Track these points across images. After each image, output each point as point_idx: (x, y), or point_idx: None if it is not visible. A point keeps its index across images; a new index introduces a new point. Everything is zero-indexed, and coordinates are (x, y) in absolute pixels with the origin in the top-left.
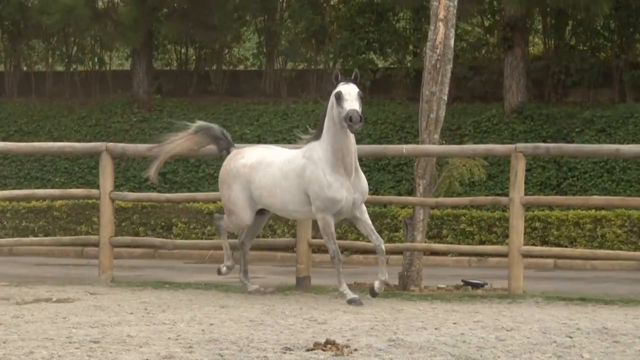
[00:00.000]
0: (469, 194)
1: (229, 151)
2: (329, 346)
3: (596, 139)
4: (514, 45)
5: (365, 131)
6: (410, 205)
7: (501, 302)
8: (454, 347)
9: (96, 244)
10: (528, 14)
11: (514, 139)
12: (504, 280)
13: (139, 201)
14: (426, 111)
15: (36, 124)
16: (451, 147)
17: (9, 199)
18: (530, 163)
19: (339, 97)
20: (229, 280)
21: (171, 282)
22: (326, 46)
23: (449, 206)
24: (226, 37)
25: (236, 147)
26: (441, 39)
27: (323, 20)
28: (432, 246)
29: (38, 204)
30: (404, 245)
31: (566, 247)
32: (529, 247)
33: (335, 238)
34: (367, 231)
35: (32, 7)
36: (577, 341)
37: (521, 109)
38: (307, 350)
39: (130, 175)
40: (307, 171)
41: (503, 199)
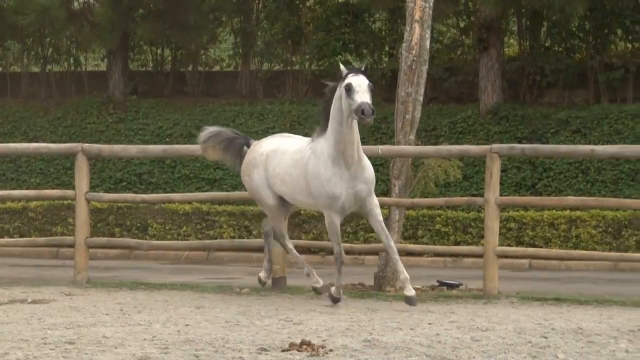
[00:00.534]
0: (445, 194)
1: (248, 145)
2: (304, 347)
3: (571, 139)
4: (489, 46)
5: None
6: (385, 206)
7: (476, 302)
8: (429, 347)
9: (72, 245)
10: (503, 15)
11: (489, 139)
12: (479, 281)
13: (114, 202)
14: (402, 112)
15: (11, 124)
16: (427, 148)
17: None
18: (505, 164)
19: (349, 89)
20: (205, 281)
21: (147, 283)
22: (302, 47)
23: (425, 207)
24: (202, 38)
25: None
26: (417, 40)
27: (299, 21)
28: (408, 247)
29: (13, 205)
30: (380, 245)
31: (541, 247)
32: (504, 248)
33: (340, 238)
34: (377, 228)
35: (7, 7)
36: (551, 341)
37: (496, 109)
38: (283, 351)
39: (106, 176)
40: (310, 164)
41: (478, 199)
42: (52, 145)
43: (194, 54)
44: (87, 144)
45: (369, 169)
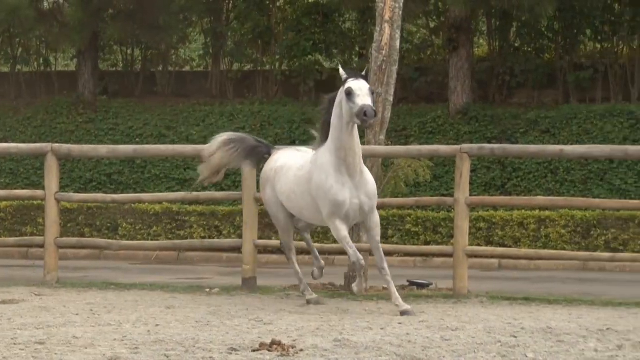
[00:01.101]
0: (415, 194)
1: (269, 154)
2: (274, 346)
3: (540, 139)
4: (459, 46)
5: (311, 132)
6: None
7: (446, 302)
8: (399, 347)
9: (41, 245)
10: (473, 15)
11: (459, 139)
12: (449, 281)
13: (84, 202)
14: None
15: None
16: (397, 148)
17: None
18: (475, 164)
19: (349, 93)
20: (175, 281)
21: (117, 283)
22: (272, 47)
23: (395, 207)
24: (172, 38)
25: (277, 148)
26: (387, 40)
27: (269, 21)
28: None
29: None
30: None
31: (510, 247)
32: (474, 248)
33: (350, 241)
34: (373, 247)
35: None
36: (521, 341)
37: (466, 110)
38: (253, 351)
39: (75, 176)
40: (314, 178)
41: (448, 199)
42: (21, 146)
43: (164, 54)
44: (57, 144)
45: (372, 184)
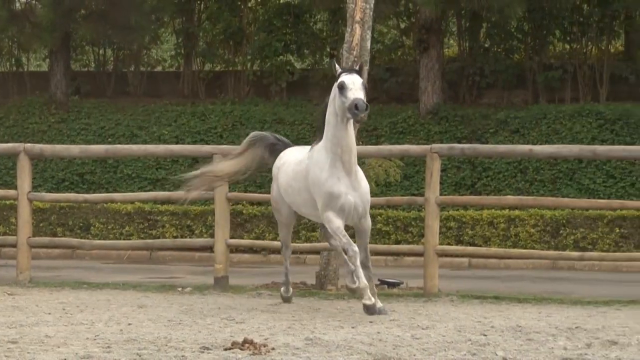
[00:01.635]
0: (385, 194)
1: None
2: (246, 345)
3: (510, 139)
4: (429, 47)
5: (282, 132)
6: None
7: (417, 300)
8: (370, 345)
9: (14, 245)
10: (443, 16)
11: (429, 139)
12: (419, 279)
13: (56, 202)
14: None
15: None
16: (368, 148)
17: None
18: (445, 163)
19: (342, 87)
20: (147, 280)
21: (89, 283)
22: (244, 48)
23: None
24: (144, 38)
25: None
26: (357, 40)
27: (241, 22)
28: None
29: None
30: (321, 245)
31: (480, 246)
32: (444, 247)
33: (342, 232)
34: (362, 249)
35: None
36: (491, 339)
37: (436, 110)
38: (225, 350)
39: (48, 176)
40: (310, 173)
41: (418, 199)
42: None
43: (135, 54)
44: (29, 144)
45: (365, 186)
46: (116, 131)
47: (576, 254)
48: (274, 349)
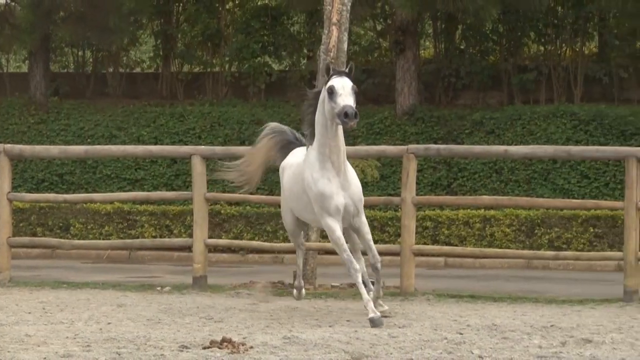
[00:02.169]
0: (362, 194)
1: None
2: (225, 344)
3: (485, 140)
4: (405, 48)
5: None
6: None
7: (393, 299)
8: (347, 344)
9: None
10: (419, 18)
11: (405, 140)
12: (396, 279)
13: (36, 202)
14: None
15: None
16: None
17: None
18: (421, 164)
19: (331, 91)
20: (126, 280)
21: (69, 282)
22: (222, 49)
23: None
24: (122, 40)
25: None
26: (334, 42)
27: (219, 23)
28: (326, 245)
29: None
30: None
31: (456, 245)
32: (421, 246)
33: (343, 245)
34: (365, 246)
35: None
36: (467, 337)
37: (413, 111)
38: (204, 348)
39: (28, 176)
40: (305, 176)
41: (395, 199)
42: None
43: (114, 55)
44: (8, 145)
45: (356, 184)
46: (95, 132)
47: (551, 253)
48: (252, 347)
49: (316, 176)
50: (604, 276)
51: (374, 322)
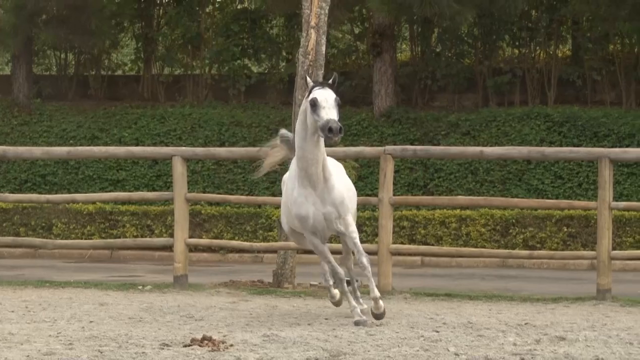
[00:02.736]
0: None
1: None
2: (205, 342)
3: (461, 141)
4: (382, 51)
5: (240, 134)
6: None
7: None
8: (326, 341)
9: None
10: (396, 21)
11: (383, 141)
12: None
13: (19, 202)
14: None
15: None
16: None
17: None
18: (398, 165)
19: (314, 104)
20: (108, 279)
21: (51, 281)
22: (202, 52)
23: None
24: (104, 43)
25: None
26: (313, 45)
27: (199, 27)
28: None
29: None
30: (278, 244)
31: (433, 245)
32: (398, 246)
33: (327, 257)
34: (350, 245)
35: None
36: (443, 335)
37: (390, 113)
38: (185, 346)
39: (11, 177)
40: (287, 192)
41: (372, 199)
42: None
43: (96, 58)
44: None
45: (337, 191)
46: (78, 133)
47: (525, 252)
48: (232, 345)
49: (295, 195)
50: (577, 275)
51: (357, 324)
